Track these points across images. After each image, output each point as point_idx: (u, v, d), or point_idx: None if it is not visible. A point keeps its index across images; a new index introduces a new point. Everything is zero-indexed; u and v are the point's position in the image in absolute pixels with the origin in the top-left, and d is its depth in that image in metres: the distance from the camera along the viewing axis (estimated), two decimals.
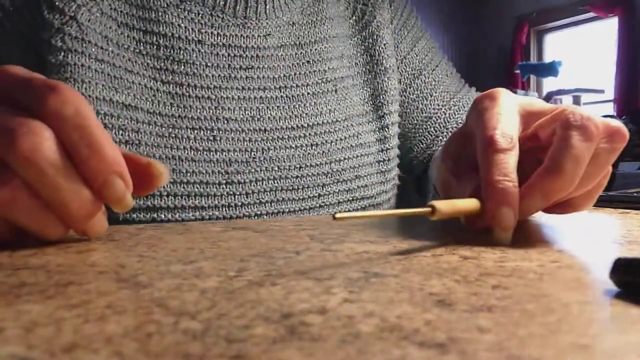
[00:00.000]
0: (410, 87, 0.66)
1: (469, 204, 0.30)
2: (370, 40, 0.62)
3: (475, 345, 0.14)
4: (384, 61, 0.62)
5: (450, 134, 0.60)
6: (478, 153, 0.33)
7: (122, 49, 0.50)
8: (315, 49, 0.58)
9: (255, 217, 0.51)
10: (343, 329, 0.15)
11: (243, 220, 0.43)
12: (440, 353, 0.13)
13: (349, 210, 0.56)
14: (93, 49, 0.48)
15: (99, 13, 0.49)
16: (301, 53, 0.57)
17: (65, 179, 0.27)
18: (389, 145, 0.61)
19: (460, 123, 0.66)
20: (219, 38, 0.53)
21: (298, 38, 0.57)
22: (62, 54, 0.47)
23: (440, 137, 0.66)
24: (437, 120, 0.66)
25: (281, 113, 0.54)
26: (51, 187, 0.26)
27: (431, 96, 0.66)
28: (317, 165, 0.55)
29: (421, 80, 0.66)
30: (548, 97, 4.14)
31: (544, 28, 5.30)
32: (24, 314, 0.16)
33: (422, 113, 0.66)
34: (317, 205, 0.54)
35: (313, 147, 0.55)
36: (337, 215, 0.23)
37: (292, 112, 0.55)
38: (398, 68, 0.65)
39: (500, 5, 5.46)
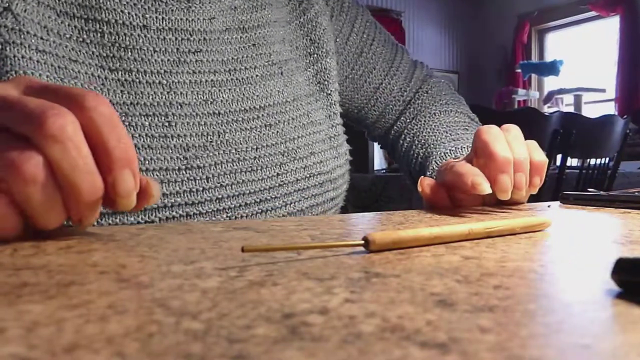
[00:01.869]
0: (356, 65, 0.72)
1: (410, 233, 0.28)
2: (309, 26, 0.65)
3: (477, 345, 0.14)
4: (324, 45, 0.66)
5: (395, 100, 0.76)
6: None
7: (64, 38, 0.48)
8: (259, 33, 0.59)
9: (217, 201, 0.51)
10: (344, 329, 0.15)
11: (244, 221, 0.43)
12: (441, 353, 0.13)
13: (307, 188, 0.58)
14: (33, 40, 0.46)
15: (35, 3, 0.47)
16: (246, 37, 0.58)
17: (84, 162, 0.29)
18: (337, 121, 0.65)
19: (402, 88, 0.76)
20: (165, 22, 0.52)
21: (241, 22, 0.58)
22: None
23: (390, 106, 0.75)
24: (384, 90, 0.75)
25: (233, 96, 0.54)
26: (71, 166, 0.28)
27: (374, 69, 0.74)
28: (273, 145, 0.56)
29: (364, 57, 0.73)
30: (549, 97, 4.13)
31: (545, 27, 5.30)
32: (25, 314, 0.16)
33: (370, 85, 0.74)
34: (276, 184, 0.55)
35: (267, 128, 0.56)
36: (246, 248, 0.23)
37: (244, 94, 0.55)
38: (344, 49, 0.71)
39: (502, 4, 5.45)
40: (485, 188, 0.46)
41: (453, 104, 0.75)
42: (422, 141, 0.69)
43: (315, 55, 0.65)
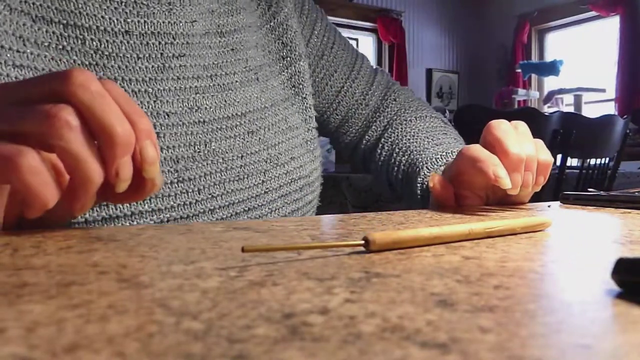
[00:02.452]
0: (317, 67, 0.72)
1: (410, 233, 0.28)
2: (280, 29, 0.65)
3: (477, 345, 0.14)
4: (296, 48, 0.66)
5: (357, 104, 0.74)
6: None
7: (42, 48, 0.44)
8: (236, 38, 0.59)
9: (209, 212, 0.50)
10: (344, 329, 0.15)
11: (244, 221, 0.43)
12: (441, 353, 0.13)
13: (289, 193, 0.58)
14: (9, 55, 0.42)
15: (7, 10, 0.43)
16: (224, 41, 0.57)
17: (112, 109, 0.31)
18: (313, 125, 0.66)
19: (364, 92, 0.75)
20: (147, 26, 0.50)
21: (219, 26, 0.57)
22: None
23: (353, 110, 0.74)
24: (345, 93, 0.74)
25: (215, 102, 0.53)
26: (101, 110, 0.31)
27: (336, 72, 0.73)
28: (257, 152, 0.55)
29: (325, 60, 0.73)
30: (549, 97, 4.13)
31: (545, 27, 5.29)
32: (25, 314, 0.16)
33: (332, 88, 0.73)
34: (262, 191, 0.55)
35: (250, 135, 0.55)
36: (246, 248, 0.23)
37: (225, 100, 0.54)
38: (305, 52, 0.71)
39: (502, 4, 5.45)
40: (507, 183, 0.47)
41: (424, 110, 0.75)
42: (404, 149, 0.68)
43: (288, 58, 0.65)
